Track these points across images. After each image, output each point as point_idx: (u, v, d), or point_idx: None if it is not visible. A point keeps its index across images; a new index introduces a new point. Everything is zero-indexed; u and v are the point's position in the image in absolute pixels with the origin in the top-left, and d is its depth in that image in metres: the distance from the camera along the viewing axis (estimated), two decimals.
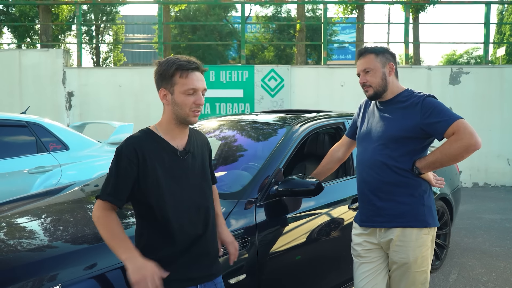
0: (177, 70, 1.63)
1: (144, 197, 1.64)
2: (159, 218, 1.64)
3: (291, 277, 2.60)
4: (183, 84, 1.64)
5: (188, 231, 1.68)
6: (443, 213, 4.12)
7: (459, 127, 1.95)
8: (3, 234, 2.23)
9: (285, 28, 24.76)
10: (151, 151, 1.64)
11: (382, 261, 2.20)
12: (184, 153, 1.71)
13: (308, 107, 5.91)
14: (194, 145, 1.77)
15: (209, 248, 1.77)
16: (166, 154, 1.67)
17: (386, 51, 2.22)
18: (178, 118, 1.68)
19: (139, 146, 1.64)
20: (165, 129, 1.70)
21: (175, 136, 1.71)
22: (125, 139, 1.69)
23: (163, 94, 1.67)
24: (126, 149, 1.63)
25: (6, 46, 24.01)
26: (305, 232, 2.65)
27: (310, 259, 2.69)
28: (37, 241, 2.12)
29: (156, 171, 1.63)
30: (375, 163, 2.13)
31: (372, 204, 2.15)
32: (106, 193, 1.61)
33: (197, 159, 1.75)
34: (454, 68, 8.47)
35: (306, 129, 3.04)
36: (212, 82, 8.03)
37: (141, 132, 1.71)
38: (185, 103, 1.64)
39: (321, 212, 2.77)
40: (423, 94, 2.12)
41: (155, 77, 1.70)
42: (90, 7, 25.28)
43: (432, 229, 2.13)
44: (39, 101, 8.01)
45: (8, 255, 1.91)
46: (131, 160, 1.61)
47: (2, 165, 4.22)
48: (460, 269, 4.12)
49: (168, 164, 1.66)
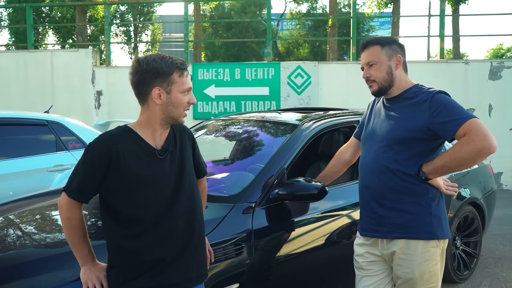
0: (177, 69, 1.59)
1: (115, 198, 1.56)
2: (131, 220, 1.56)
3: (289, 286, 2.43)
4: (182, 83, 1.61)
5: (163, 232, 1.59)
6: (473, 219, 3.81)
7: (471, 128, 1.72)
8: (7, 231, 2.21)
9: (320, 24, 24.34)
10: (127, 150, 1.57)
11: (386, 274, 2.00)
12: (162, 152, 1.63)
13: (336, 105, 5.68)
14: (173, 143, 1.68)
15: (195, 254, 1.67)
16: (144, 153, 1.59)
17: (393, 42, 2.00)
18: (167, 118, 1.61)
19: (113, 143, 1.56)
20: (145, 128, 1.62)
21: (155, 136, 1.64)
22: (99, 135, 1.62)
23: (157, 93, 1.58)
24: (98, 146, 1.56)
25: (51, 47, 25.02)
26: (308, 239, 2.47)
27: (311, 268, 2.50)
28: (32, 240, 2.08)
29: (131, 170, 1.56)
30: (378, 167, 1.93)
31: (374, 212, 1.95)
32: (70, 190, 1.58)
33: (176, 157, 1.67)
34: (495, 62, 7.93)
35: (316, 127, 2.86)
36: (238, 79, 7.93)
37: (119, 129, 1.63)
38: (181, 102, 1.61)
39: (327, 218, 2.59)
40: (433, 90, 1.89)
41: (143, 75, 1.58)
42: (128, 8, 25.89)
43: (441, 241, 1.90)
44: (69, 100, 8.20)
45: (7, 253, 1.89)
46: (101, 159, 1.54)
47: (22, 163, 4.29)
48: (492, 280, 3.79)
49: (144, 163, 1.58)
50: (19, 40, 20.52)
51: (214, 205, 2.31)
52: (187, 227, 1.64)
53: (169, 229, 1.59)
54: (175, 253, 1.60)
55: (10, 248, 1.98)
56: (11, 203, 2.78)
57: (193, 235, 1.66)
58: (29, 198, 2.85)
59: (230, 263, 2.12)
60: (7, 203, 2.78)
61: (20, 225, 2.35)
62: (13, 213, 2.51)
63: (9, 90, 8.33)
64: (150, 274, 1.56)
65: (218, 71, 7.94)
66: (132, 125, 1.64)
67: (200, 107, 7.98)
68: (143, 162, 1.58)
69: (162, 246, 1.58)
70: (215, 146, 3.62)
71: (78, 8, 12.07)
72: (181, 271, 1.61)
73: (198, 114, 7.93)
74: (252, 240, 2.21)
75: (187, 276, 1.63)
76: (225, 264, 2.10)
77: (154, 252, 1.57)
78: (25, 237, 2.16)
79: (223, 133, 3.38)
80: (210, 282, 2.02)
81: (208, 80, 7.96)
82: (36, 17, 21.80)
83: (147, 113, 1.61)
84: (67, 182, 1.60)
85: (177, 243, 1.61)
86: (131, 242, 1.56)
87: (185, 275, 1.62)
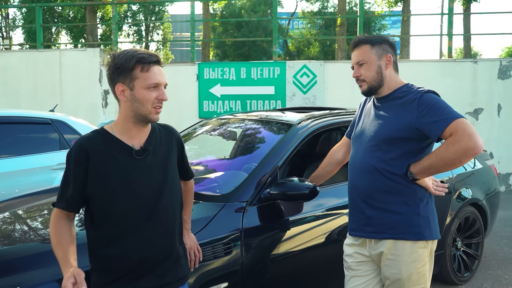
0: (137, 63, 1.51)
1: (94, 200, 1.54)
2: (110, 222, 1.54)
3: (280, 286, 2.42)
4: (145, 78, 1.51)
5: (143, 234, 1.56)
6: (474, 219, 3.75)
7: (458, 128, 1.70)
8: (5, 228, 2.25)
9: (331, 23, 24.22)
10: (102, 152, 1.54)
11: (375, 275, 1.98)
12: (140, 152, 1.58)
13: (342, 104, 5.63)
14: (156, 143, 1.63)
15: (169, 253, 1.63)
16: (119, 154, 1.55)
17: (384, 42, 1.99)
18: (137, 116, 1.55)
19: (88, 146, 1.54)
20: (120, 128, 1.58)
21: (132, 136, 1.59)
22: (75, 142, 1.59)
23: (121, 89, 1.53)
24: (75, 151, 1.54)
25: (63, 46, 25.31)
26: (299, 239, 2.46)
27: (302, 269, 2.49)
28: None
29: (107, 172, 1.53)
30: (366, 166, 1.91)
31: (362, 212, 1.93)
32: (59, 200, 1.56)
33: (160, 157, 1.62)
34: (504, 61, 7.79)
35: (311, 127, 2.84)
36: (243, 78, 7.92)
37: (94, 132, 1.60)
38: (147, 99, 1.52)
39: (318, 218, 2.57)
40: (422, 90, 1.87)
41: (109, 71, 1.56)
42: (140, 8, 26.09)
43: (429, 242, 1.88)
44: (77, 99, 8.29)
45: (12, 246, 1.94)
46: (79, 162, 1.52)
47: (26, 161, 4.36)
48: (493, 282, 3.74)
49: (121, 164, 1.55)
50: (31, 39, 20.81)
51: (205, 204, 2.31)
52: (167, 230, 1.61)
53: (148, 233, 1.56)
54: (155, 257, 1.58)
55: (15, 242, 2.02)
56: (15, 199, 2.82)
57: (173, 238, 1.64)
58: (32, 194, 2.89)
59: (220, 262, 2.12)
60: (11, 199, 2.82)
61: (21, 221, 2.39)
62: (14, 210, 2.55)
63: (18, 89, 8.45)
64: (128, 278, 1.54)
65: (224, 70, 7.95)
66: (109, 126, 1.61)
67: (206, 106, 7.99)
68: (118, 163, 1.54)
69: (141, 250, 1.55)
70: (214, 145, 3.63)
71: (89, 8, 12.19)
72: (160, 276, 1.58)
73: (204, 113, 7.96)
74: (242, 240, 2.20)
75: (167, 280, 1.60)
76: (214, 263, 2.10)
77: (132, 256, 1.54)
78: (29, 232, 2.20)
79: (221, 132, 3.39)
80: (199, 281, 2.03)
81: (214, 79, 7.97)
82: (49, 17, 22.10)
83: (120, 111, 1.58)
84: (57, 197, 1.57)
85: (156, 247, 1.58)
86: (110, 247, 1.53)
87: (164, 279, 1.60)
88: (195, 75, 8.05)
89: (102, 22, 17.23)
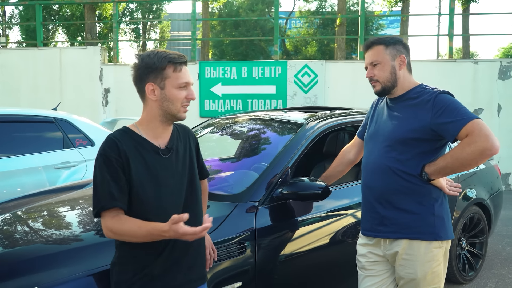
0: (169, 63, 1.55)
1: None
2: None
3: (292, 286, 2.43)
4: (176, 78, 1.56)
5: None
6: (479, 219, 3.78)
7: (474, 129, 1.71)
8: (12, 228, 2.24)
9: (329, 23, 24.23)
10: (131, 151, 1.55)
11: (389, 275, 2.00)
12: (166, 151, 1.60)
13: (343, 103, 5.65)
14: (178, 142, 1.66)
15: (194, 253, 1.66)
16: (147, 153, 1.57)
17: (398, 42, 1.99)
18: (166, 115, 1.58)
19: (120, 145, 1.54)
20: (146, 127, 1.60)
21: (157, 135, 1.61)
22: (103, 143, 1.58)
23: (151, 89, 1.56)
24: (110, 149, 1.53)
25: (60, 44, 25.21)
26: (311, 238, 2.47)
27: (315, 268, 2.50)
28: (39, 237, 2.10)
29: (137, 171, 1.54)
30: (380, 167, 1.92)
31: (376, 212, 1.95)
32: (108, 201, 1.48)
33: (181, 156, 1.65)
34: (504, 61, 7.84)
35: (321, 127, 2.85)
36: (244, 78, 7.92)
37: (119, 132, 1.61)
38: (177, 98, 1.56)
39: (330, 218, 2.58)
40: (437, 90, 1.88)
41: (138, 71, 1.58)
42: (138, 6, 26.00)
43: (444, 242, 1.90)
44: (77, 97, 8.26)
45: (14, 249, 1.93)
46: (118, 159, 1.52)
47: (30, 160, 4.34)
48: (497, 282, 3.77)
49: (149, 163, 1.57)
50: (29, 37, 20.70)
51: (218, 203, 2.32)
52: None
53: None
54: (178, 254, 1.60)
55: (18, 244, 2.01)
56: (18, 199, 2.81)
57: None
58: (36, 195, 2.88)
59: (233, 262, 2.13)
60: (14, 200, 2.82)
61: (28, 221, 2.38)
62: (20, 209, 2.54)
63: (18, 87, 8.42)
64: (152, 276, 1.55)
65: (225, 69, 7.94)
66: (132, 125, 1.62)
67: (207, 105, 7.99)
68: (146, 162, 1.56)
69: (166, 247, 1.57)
70: (221, 145, 3.63)
71: (87, 6, 12.15)
72: (183, 273, 1.61)
73: (205, 112, 7.95)
74: (255, 239, 2.21)
75: (190, 277, 1.63)
76: (228, 262, 2.11)
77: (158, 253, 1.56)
78: (32, 233, 2.18)
79: (228, 132, 3.39)
80: (213, 281, 2.03)
81: (215, 78, 7.97)
82: (46, 15, 21.98)
83: (147, 110, 1.60)
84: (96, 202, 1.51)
85: (180, 244, 1.59)
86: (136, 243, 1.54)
87: (187, 276, 1.62)
88: (196, 74, 8.04)
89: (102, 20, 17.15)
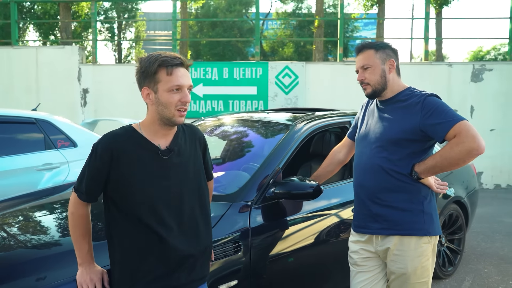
0: (160, 66, 1.53)
1: (118, 198, 1.57)
2: (133, 220, 1.56)
3: (286, 284, 2.49)
4: (167, 81, 1.54)
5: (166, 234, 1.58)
6: (457, 217, 3.94)
7: (461, 129, 1.81)
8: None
9: (305, 24, 24.48)
10: (129, 150, 1.57)
11: (380, 270, 2.08)
12: (166, 152, 1.61)
13: (323, 105, 5.76)
14: (181, 144, 1.66)
15: (202, 256, 1.68)
16: (146, 153, 1.58)
17: (387, 47, 2.08)
18: (162, 119, 1.58)
19: (115, 143, 1.56)
20: (148, 128, 1.62)
21: (159, 136, 1.62)
22: (103, 136, 1.61)
23: (146, 93, 1.58)
24: (101, 147, 1.56)
25: (32, 43, 24.54)
26: (304, 236, 2.54)
27: (308, 265, 2.57)
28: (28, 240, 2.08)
29: (133, 170, 1.55)
30: (372, 166, 2.00)
31: (369, 209, 2.03)
32: (79, 191, 1.61)
33: (183, 158, 1.65)
34: (477, 64, 8.15)
35: (308, 128, 2.92)
36: (226, 79, 7.95)
37: (122, 129, 1.63)
38: (169, 101, 1.54)
39: (322, 216, 2.66)
40: (425, 93, 1.98)
41: (137, 75, 1.60)
42: (112, 5, 25.60)
43: (432, 237, 1.99)
44: (55, 98, 8.10)
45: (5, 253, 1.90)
46: (104, 159, 1.55)
47: (10, 161, 4.25)
48: (474, 276, 3.93)
49: (145, 163, 1.58)
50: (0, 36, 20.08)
51: (212, 203, 2.34)
52: (193, 228, 1.64)
53: (173, 230, 1.59)
54: (183, 254, 1.60)
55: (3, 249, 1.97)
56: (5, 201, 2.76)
57: (200, 236, 1.67)
58: (15, 198, 2.83)
59: (229, 261, 2.16)
60: None
61: (5, 227, 2.32)
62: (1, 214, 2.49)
63: None
64: (154, 276, 1.56)
65: (206, 70, 7.95)
66: (136, 125, 1.64)
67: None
68: (145, 162, 1.57)
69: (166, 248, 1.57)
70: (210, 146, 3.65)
71: (62, 4, 11.90)
72: (186, 273, 1.61)
73: None
74: (250, 238, 2.25)
75: (193, 277, 1.64)
76: (224, 261, 2.14)
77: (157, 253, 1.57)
78: (11, 238, 2.14)
79: (217, 133, 3.42)
80: (209, 279, 2.06)
81: (196, 79, 7.96)
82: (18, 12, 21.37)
83: (148, 113, 1.62)
84: (77, 181, 1.63)
85: (183, 245, 1.60)
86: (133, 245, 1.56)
87: (190, 277, 1.63)
88: None
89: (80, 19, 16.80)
